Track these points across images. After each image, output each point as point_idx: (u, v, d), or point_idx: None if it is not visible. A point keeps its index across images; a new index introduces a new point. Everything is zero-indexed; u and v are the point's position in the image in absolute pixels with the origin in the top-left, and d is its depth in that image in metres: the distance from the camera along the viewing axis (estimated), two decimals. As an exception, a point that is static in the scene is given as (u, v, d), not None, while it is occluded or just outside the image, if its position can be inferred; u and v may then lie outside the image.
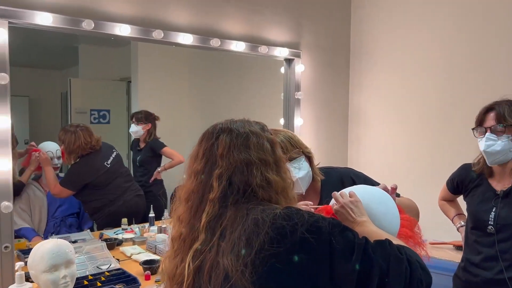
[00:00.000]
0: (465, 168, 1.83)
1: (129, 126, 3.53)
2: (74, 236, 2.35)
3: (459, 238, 2.25)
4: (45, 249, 1.47)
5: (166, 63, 3.97)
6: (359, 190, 1.25)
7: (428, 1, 2.68)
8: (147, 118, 3.18)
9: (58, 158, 2.69)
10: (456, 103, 2.58)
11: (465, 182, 1.80)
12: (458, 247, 2.15)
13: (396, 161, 2.84)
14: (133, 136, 3.13)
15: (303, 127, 2.77)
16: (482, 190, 1.72)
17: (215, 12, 2.39)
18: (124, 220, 2.56)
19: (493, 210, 1.65)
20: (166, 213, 2.62)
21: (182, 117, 4.10)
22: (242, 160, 0.94)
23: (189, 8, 2.29)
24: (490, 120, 1.66)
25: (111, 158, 2.80)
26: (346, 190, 1.25)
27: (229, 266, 0.83)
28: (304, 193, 1.52)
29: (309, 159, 1.53)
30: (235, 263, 0.82)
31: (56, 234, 2.51)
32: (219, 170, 0.93)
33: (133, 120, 3.09)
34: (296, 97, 2.71)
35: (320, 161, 1.62)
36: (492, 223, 1.64)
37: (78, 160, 2.66)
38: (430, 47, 2.68)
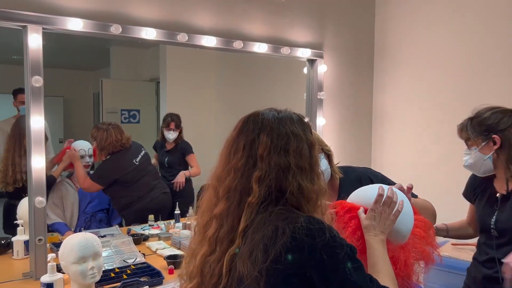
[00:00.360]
0: (472, 174, 1.81)
1: (158, 126, 3.62)
2: (103, 231, 2.45)
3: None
4: (74, 242, 1.56)
5: (193, 64, 4.06)
6: (374, 188, 1.27)
7: (452, 1, 2.65)
8: (177, 124, 3.24)
9: (90, 156, 2.80)
10: (481, 104, 2.53)
11: (474, 187, 1.79)
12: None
13: (420, 162, 2.81)
14: (170, 141, 3.20)
15: (326, 126, 2.79)
16: (487, 193, 1.70)
17: (238, 14, 2.44)
18: (151, 217, 2.65)
19: (495, 213, 1.63)
20: (191, 210, 2.70)
21: (209, 117, 4.18)
22: (281, 164, 0.93)
23: (213, 11, 2.36)
24: (460, 136, 1.69)
25: (140, 156, 2.89)
26: (366, 188, 1.28)
27: (245, 271, 0.84)
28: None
29: (329, 157, 1.57)
30: (251, 268, 0.83)
31: (86, 229, 2.63)
32: (259, 173, 0.93)
33: (170, 126, 3.16)
34: (318, 97, 2.73)
35: (343, 161, 1.66)
36: (493, 226, 1.63)
37: (108, 157, 2.77)
38: (454, 48, 2.65)
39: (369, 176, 1.57)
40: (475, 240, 2.24)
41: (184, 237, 2.33)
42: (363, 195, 1.26)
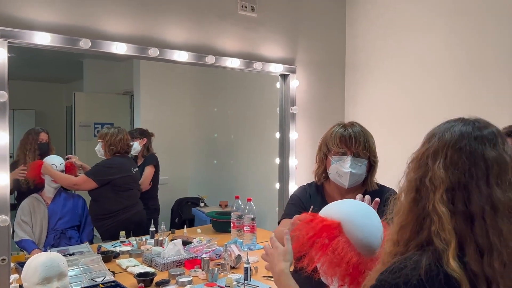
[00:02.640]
0: None
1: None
2: (72, 248, 2.39)
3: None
4: (38, 262, 1.52)
5: (167, 77, 4.05)
6: (346, 202, 1.29)
7: (421, 17, 2.73)
8: (142, 133, 3.27)
9: (62, 171, 2.76)
10: (451, 115, 2.60)
11: None
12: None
13: (392, 174, 2.85)
14: (133, 154, 3.19)
15: (298, 140, 2.81)
16: None
17: (211, 29, 2.45)
18: (122, 233, 2.61)
19: None
20: (163, 226, 2.66)
21: (182, 129, 4.18)
22: None
23: (185, 26, 2.36)
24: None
25: (135, 168, 2.99)
26: (334, 204, 1.29)
27: None
28: (346, 188, 1.62)
29: (371, 166, 1.64)
30: None
31: (56, 246, 2.57)
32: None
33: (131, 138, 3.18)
34: (291, 111, 2.75)
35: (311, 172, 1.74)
36: None
37: (110, 157, 2.84)
38: (423, 61, 2.72)
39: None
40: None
41: (156, 253, 2.29)
42: (337, 209, 1.26)
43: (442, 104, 2.64)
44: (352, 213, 1.22)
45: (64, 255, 2.19)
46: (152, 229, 2.63)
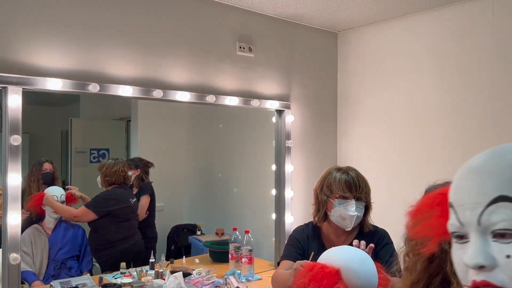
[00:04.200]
0: None
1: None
2: (75, 280, 2.45)
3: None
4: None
5: (165, 104, 4.13)
6: (344, 249, 1.41)
7: (411, 55, 2.89)
8: (136, 165, 3.34)
9: (62, 202, 2.83)
10: (440, 151, 2.75)
11: None
12: None
13: (383, 205, 2.98)
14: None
15: (294, 173, 2.93)
16: None
17: (210, 70, 2.58)
18: (123, 264, 2.68)
19: None
20: (162, 257, 2.74)
21: (179, 160, 4.23)
22: None
23: (186, 68, 2.48)
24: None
25: (134, 199, 3.06)
26: (333, 250, 1.41)
27: None
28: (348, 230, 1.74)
29: (367, 208, 1.77)
30: None
31: (56, 278, 2.62)
32: None
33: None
34: (286, 145, 2.87)
35: (308, 205, 1.92)
36: None
37: (109, 188, 2.91)
38: (413, 97, 2.87)
39: (388, 242, 1.76)
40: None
41: (157, 286, 2.37)
42: (336, 256, 1.37)
43: (432, 142, 2.79)
44: (350, 260, 1.34)
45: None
46: (152, 260, 2.70)
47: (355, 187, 1.72)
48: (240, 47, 2.67)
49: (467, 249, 0.65)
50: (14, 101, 1.88)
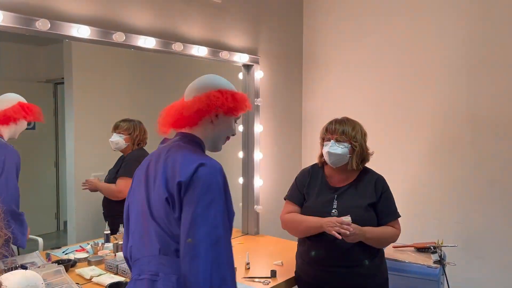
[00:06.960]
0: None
1: (57, 132, 3.21)
2: (20, 259, 2.08)
3: (418, 240, 2.38)
4: (11, 283, 1.28)
5: (103, 64, 3.70)
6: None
7: (378, 10, 2.79)
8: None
9: None
10: (408, 107, 2.72)
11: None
12: (419, 249, 2.26)
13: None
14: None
15: (263, 133, 2.74)
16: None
17: (176, 15, 2.27)
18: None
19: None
20: (121, 228, 2.44)
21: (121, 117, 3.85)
22: None
23: (150, 11, 2.15)
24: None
25: None
26: None
27: None
28: (331, 166, 1.94)
29: (353, 150, 1.92)
30: None
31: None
32: None
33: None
34: (255, 103, 2.67)
35: (278, 164, 2.21)
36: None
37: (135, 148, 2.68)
38: (380, 54, 2.79)
39: (382, 185, 1.96)
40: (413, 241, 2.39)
41: (120, 260, 2.09)
42: None
43: (400, 99, 2.74)
44: None
45: (11, 268, 1.92)
46: (106, 232, 2.39)
47: (332, 130, 1.94)
48: (207, -9, 2.38)
49: None
50: None
